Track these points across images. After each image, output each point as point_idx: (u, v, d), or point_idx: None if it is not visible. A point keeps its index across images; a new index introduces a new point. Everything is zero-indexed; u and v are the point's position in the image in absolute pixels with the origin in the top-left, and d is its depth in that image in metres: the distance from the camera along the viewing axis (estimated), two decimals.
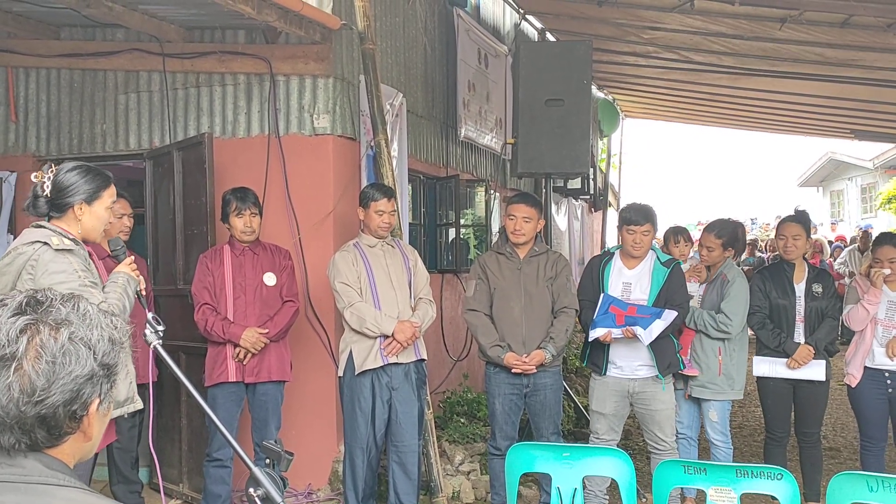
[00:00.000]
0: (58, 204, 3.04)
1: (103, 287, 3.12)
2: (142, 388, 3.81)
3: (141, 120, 5.79)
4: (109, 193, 3.12)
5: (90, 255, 3.19)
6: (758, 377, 5.08)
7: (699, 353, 4.96)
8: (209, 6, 4.68)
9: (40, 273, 2.91)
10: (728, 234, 5.07)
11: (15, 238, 5.91)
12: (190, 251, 5.11)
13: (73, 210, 3.04)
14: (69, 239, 3.01)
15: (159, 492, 5.25)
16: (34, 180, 3.06)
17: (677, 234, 5.47)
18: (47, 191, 3.03)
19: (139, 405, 3.37)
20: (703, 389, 4.94)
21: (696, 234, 7.56)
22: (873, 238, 5.96)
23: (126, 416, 3.39)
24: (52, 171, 3.03)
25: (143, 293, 3.31)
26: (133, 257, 3.33)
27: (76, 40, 5.88)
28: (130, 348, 2.67)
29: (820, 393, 4.98)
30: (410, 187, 6.81)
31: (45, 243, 2.94)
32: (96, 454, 3.33)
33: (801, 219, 5.13)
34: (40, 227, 3.03)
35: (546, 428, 4.75)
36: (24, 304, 1.28)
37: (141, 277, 3.31)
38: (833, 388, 5.12)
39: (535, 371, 4.62)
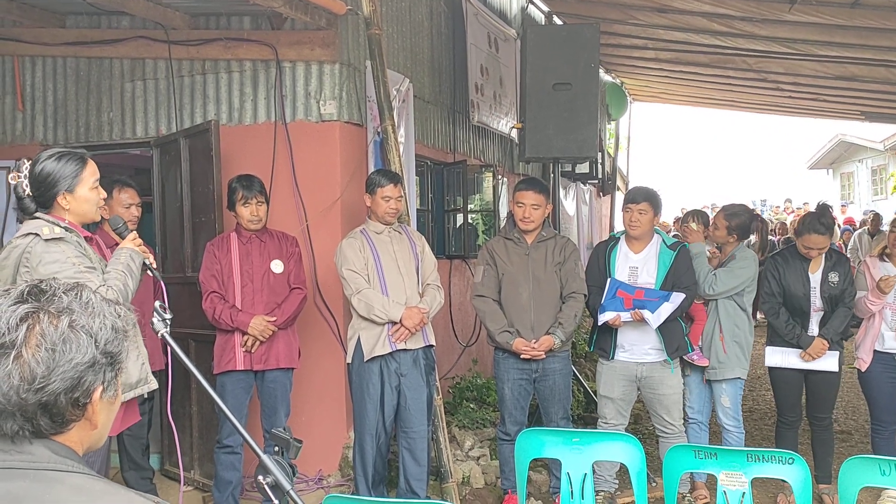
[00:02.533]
0: (42, 199, 3.01)
1: (105, 267, 3.10)
2: (156, 374, 3.83)
3: (147, 108, 5.78)
4: (90, 172, 3.06)
5: (89, 239, 3.16)
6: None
7: (704, 339, 4.93)
8: None
9: (35, 264, 2.90)
10: (738, 218, 4.99)
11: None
12: (198, 239, 5.11)
13: (58, 201, 3.01)
14: (60, 227, 2.99)
15: (171, 478, 5.30)
16: (12, 182, 3.01)
17: (695, 215, 5.42)
18: (28, 189, 2.99)
19: (154, 385, 3.36)
20: (713, 371, 4.92)
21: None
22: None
23: (145, 395, 3.38)
24: (26, 168, 2.98)
25: (153, 265, 3.27)
26: (136, 233, 3.30)
27: (82, 28, 5.87)
28: (141, 331, 2.65)
29: (832, 380, 4.94)
30: (418, 173, 6.79)
31: (37, 234, 2.93)
32: (110, 437, 3.34)
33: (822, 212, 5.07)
34: (34, 217, 3.02)
35: (556, 413, 4.75)
36: (26, 292, 1.29)
37: (148, 253, 3.26)
38: (844, 371, 5.08)
39: (544, 356, 4.62)
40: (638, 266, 4.70)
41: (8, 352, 1.24)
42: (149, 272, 3.24)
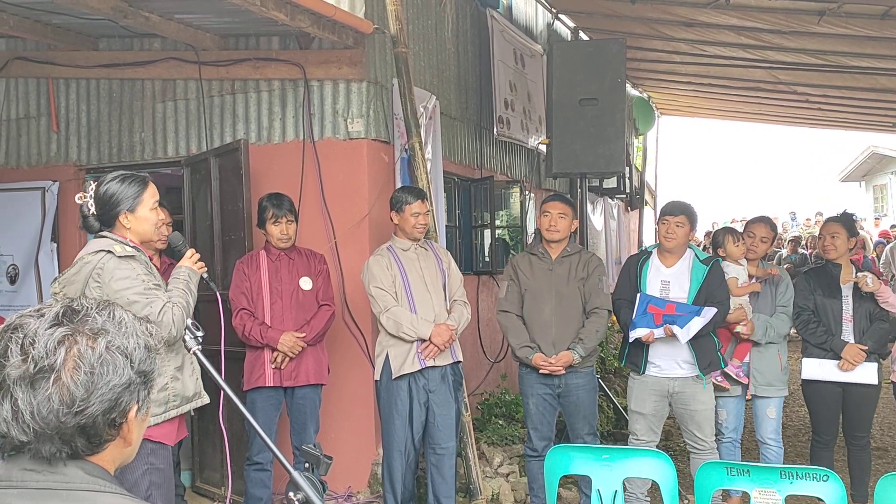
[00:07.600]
0: (105, 219, 3.15)
1: (167, 286, 3.23)
2: None
3: (178, 128, 5.87)
4: (150, 194, 3.20)
5: (150, 258, 3.31)
6: (804, 380, 4.99)
7: (757, 358, 4.87)
8: (243, 13, 4.73)
9: (107, 279, 3.03)
10: (771, 223, 5.13)
11: (59, 246, 6.05)
12: (228, 256, 5.16)
13: (120, 220, 3.15)
14: (130, 246, 3.13)
15: (202, 495, 5.33)
16: (78, 202, 3.17)
17: (734, 233, 5.33)
18: (92, 209, 3.14)
19: (206, 399, 3.43)
20: (769, 388, 4.86)
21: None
22: None
23: (192, 412, 3.44)
24: (92, 189, 3.14)
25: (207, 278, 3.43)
26: (193, 250, 3.43)
27: (114, 50, 5.98)
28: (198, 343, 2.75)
29: (871, 396, 4.85)
30: (445, 189, 6.81)
31: (109, 252, 3.06)
32: (175, 451, 3.42)
33: (841, 218, 5.05)
34: (103, 236, 3.16)
35: (581, 428, 4.71)
36: (60, 314, 1.30)
37: (204, 267, 3.41)
38: (881, 388, 4.99)
39: (565, 372, 4.59)
40: (670, 280, 4.65)
41: (47, 375, 1.25)
42: (208, 286, 3.44)
